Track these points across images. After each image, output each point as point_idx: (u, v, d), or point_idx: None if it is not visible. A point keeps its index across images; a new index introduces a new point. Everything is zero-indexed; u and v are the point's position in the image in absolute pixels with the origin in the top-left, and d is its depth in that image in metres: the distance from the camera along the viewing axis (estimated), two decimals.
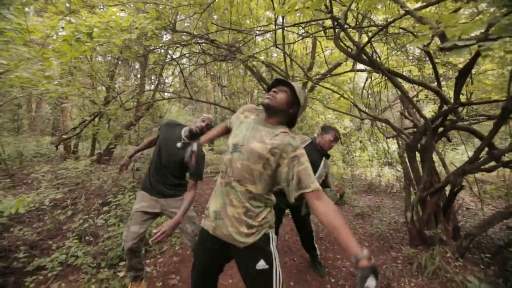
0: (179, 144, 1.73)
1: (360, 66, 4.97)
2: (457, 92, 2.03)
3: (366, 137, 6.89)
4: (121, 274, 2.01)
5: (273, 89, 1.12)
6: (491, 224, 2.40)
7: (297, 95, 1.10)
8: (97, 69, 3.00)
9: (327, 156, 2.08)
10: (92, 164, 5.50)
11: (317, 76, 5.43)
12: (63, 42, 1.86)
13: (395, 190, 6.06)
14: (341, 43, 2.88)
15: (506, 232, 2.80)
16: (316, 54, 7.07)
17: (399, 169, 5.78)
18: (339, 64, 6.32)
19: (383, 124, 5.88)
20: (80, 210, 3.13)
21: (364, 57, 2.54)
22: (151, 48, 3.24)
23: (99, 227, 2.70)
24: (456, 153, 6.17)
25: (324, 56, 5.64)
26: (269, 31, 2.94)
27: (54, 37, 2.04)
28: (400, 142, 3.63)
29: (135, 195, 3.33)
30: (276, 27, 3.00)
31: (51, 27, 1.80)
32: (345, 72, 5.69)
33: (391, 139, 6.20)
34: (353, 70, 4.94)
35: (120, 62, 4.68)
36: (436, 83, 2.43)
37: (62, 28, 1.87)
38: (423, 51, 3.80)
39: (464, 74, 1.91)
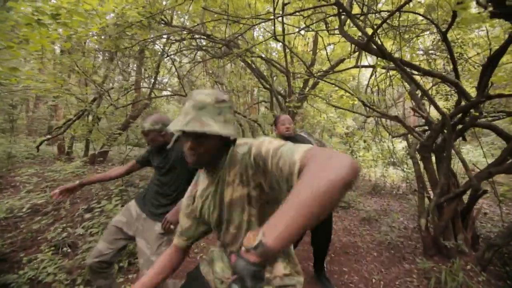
0: None
1: (363, 62, 4.69)
2: (484, 83, 1.75)
3: (370, 136, 6.62)
4: None
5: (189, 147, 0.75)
6: None
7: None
8: (81, 64, 2.74)
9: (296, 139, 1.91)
10: (85, 166, 5.26)
11: (319, 73, 5.16)
12: (26, 26, 1.60)
13: (401, 191, 5.78)
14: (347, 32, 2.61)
15: None
16: (317, 51, 6.80)
17: (405, 169, 5.50)
18: (341, 61, 6.03)
19: (389, 123, 5.60)
20: (62, 216, 2.88)
21: (373, 46, 2.27)
22: (141, 41, 2.97)
23: (80, 236, 2.45)
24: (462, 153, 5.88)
25: (327, 53, 5.37)
26: (269, 20, 2.68)
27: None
28: (410, 141, 3.36)
29: (122, 200, 3.07)
30: (276, 16, 2.74)
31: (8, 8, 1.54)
32: (348, 69, 5.41)
33: (397, 138, 5.93)
34: (357, 66, 4.67)
35: (114, 58, 4.43)
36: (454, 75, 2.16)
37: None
38: (437, 42, 3.52)
39: (494, 62, 1.64)
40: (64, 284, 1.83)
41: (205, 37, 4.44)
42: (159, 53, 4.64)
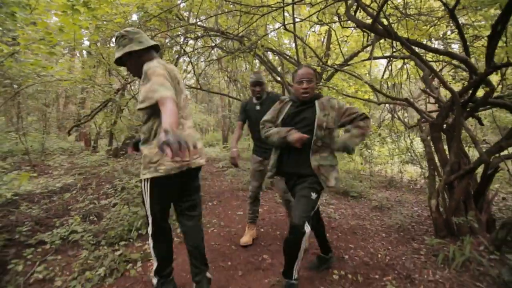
0: (258, 107, 2.20)
1: (372, 54, 4.66)
2: (490, 55, 1.75)
3: (385, 131, 6.49)
4: (118, 252, 1.94)
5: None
6: None
7: None
8: (107, 54, 3.03)
9: (314, 99, 1.60)
10: (109, 158, 5.67)
11: (335, 66, 5.19)
12: (62, 13, 1.85)
13: (419, 186, 5.59)
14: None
15: None
16: (331, 46, 6.80)
17: (424, 166, 5.33)
18: (355, 54, 6.02)
19: (405, 115, 5.46)
20: (89, 194, 3.17)
21: (379, 26, 2.31)
22: (159, 32, 3.21)
23: (104, 207, 2.70)
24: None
25: (340, 46, 5.37)
26: (278, 8, 2.80)
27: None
28: (423, 127, 3.30)
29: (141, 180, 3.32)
30: (285, 4, 2.85)
31: None
32: (362, 61, 5.39)
33: (412, 130, 5.76)
34: (369, 58, 4.65)
35: None
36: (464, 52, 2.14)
37: None
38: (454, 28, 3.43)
39: (498, 31, 1.63)
40: (90, 243, 2.04)
41: (219, 34, 4.66)
42: (176, 50, 4.91)
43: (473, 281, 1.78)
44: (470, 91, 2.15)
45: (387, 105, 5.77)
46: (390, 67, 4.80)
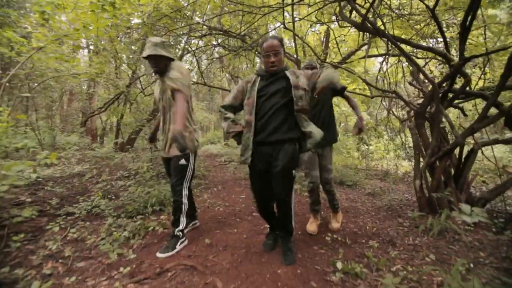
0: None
1: (368, 52, 4.94)
2: (461, 48, 2.02)
3: (382, 127, 6.76)
4: (137, 222, 2.21)
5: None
6: (504, 188, 2.33)
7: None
8: (120, 50, 3.30)
9: (284, 71, 1.64)
10: (115, 151, 5.94)
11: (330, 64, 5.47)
12: (91, 12, 2.12)
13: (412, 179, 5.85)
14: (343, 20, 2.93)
15: None
16: (329, 45, 7.07)
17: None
18: (353, 53, 6.31)
19: (402, 113, 5.75)
20: (103, 179, 3.45)
21: (368, 25, 2.58)
22: (170, 30, 3.49)
23: (120, 188, 2.97)
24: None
25: (337, 45, 5.64)
26: (279, 8, 3.07)
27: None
28: (412, 117, 3.57)
29: (152, 165, 3.60)
30: (284, 4, 3.13)
31: None
32: (360, 59, 5.65)
33: (407, 124, 6.01)
34: (364, 56, 4.94)
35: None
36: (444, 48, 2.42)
37: None
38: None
39: (466, 27, 1.91)
40: (111, 215, 2.31)
41: (222, 33, 4.93)
42: (180, 48, 5.19)
43: (447, 245, 2.05)
44: (449, 82, 2.42)
45: (384, 102, 6.06)
46: (386, 65, 5.06)
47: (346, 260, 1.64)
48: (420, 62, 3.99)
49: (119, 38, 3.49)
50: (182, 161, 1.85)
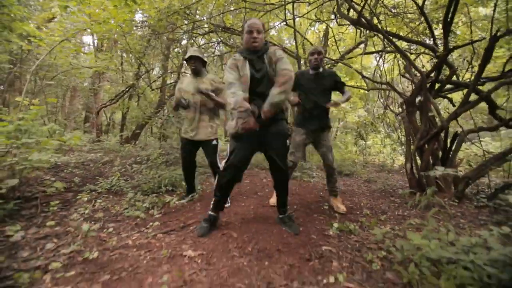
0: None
1: (365, 50, 5.20)
2: (446, 40, 2.27)
3: (378, 123, 7.03)
4: (154, 198, 2.44)
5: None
6: (485, 166, 2.58)
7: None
8: (132, 45, 3.53)
9: (263, 52, 1.67)
10: (122, 145, 6.17)
11: (332, 61, 5.75)
12: (113, 7, 2.36)
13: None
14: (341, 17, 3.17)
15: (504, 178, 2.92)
16: (328, 43, 7.33)
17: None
18: (351, 50, 6.57)
19: (395, 104, 6.01)
20: (118, 164, 3.68)
21: (364, 21, 2.83)
22: (177, 27, 3.72)
23: (133, 172, 3.20)
24: None
25: (336, 43, 5.89)
26: (281, 6, 3.31)
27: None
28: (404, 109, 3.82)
29: (161, 151, 3.84)
30: (286, 2, 3.37)
31: None
32: (359, 55, 5.91)
33: (400, 116, 6.27)
34: (362, 53, 5.20)
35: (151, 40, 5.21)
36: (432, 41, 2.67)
37: None
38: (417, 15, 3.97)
39: (449, 20, 2.16)
40: (130, 192, 2.54)
41: (225, 30, 5.17)
42: (183, 45, 5.42)
43: (432, 215, 2.30)
44: (436, 73, 2.67)
45: (381, 100, 6.33)
46: (382, 62, 5.31)
47: (341, 222, 1.89)
48: (414, 57, 4.25)
49: (133, 32, 3.72)
50: (214, 142, 2.34)
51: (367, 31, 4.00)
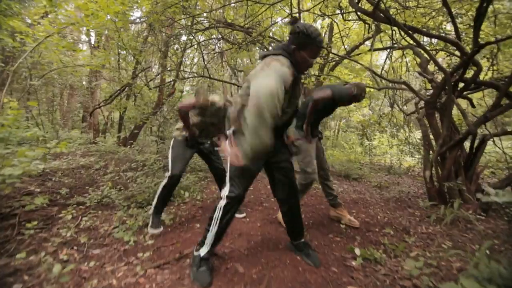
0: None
1: (373, 46, 4.90)
2: (476, 35, 2.00)
3: (385, 123, 6.77)
4: (150, 212, 2.19)
5: None
6: None
7: None
8: (127, 41, 3.26)
9: None
10: (119, 146, 5.91)
11: (336, 59, 5.45)
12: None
13: (416, 173, 5.86)
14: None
15: None
16: (332, 39, 7.03)
17: (421, 151, 5.60)
18: (357, 47, 6.27)
19: (403, 103, 5.73)
20: (111, 171, 3.42)
21: (380, 14, 2.55)
22: (175, 21, 3.44)
23: (129, 179, 2.95)
24: None
25: (341, 39, 5.60)
26: None
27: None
28: (420, 109, 3.56)
29: (159, 157, 3.58)
30: None
31: None
32: (367, 51, 5.61)
33: (411, 119, 6.02)
34: (370, 49, 4.91)
35: (147, 35, 4.90)
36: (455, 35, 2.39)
37: None
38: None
39: (481, 13, 1.88)
40: (122, 205, 2.30)
41: (227, 26, 4.88)
42: (182, 41, 5.13)
43: (461, 233, 2.05)
44: (461, 71, 2.40)
45: (386, 98, 6.05)
46: (390, 57, 5.03)
47: (363, 247, 1.64)
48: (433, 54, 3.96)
49: (128, 28, 3.46)
50: None
51: (374, 26, 3.72)
